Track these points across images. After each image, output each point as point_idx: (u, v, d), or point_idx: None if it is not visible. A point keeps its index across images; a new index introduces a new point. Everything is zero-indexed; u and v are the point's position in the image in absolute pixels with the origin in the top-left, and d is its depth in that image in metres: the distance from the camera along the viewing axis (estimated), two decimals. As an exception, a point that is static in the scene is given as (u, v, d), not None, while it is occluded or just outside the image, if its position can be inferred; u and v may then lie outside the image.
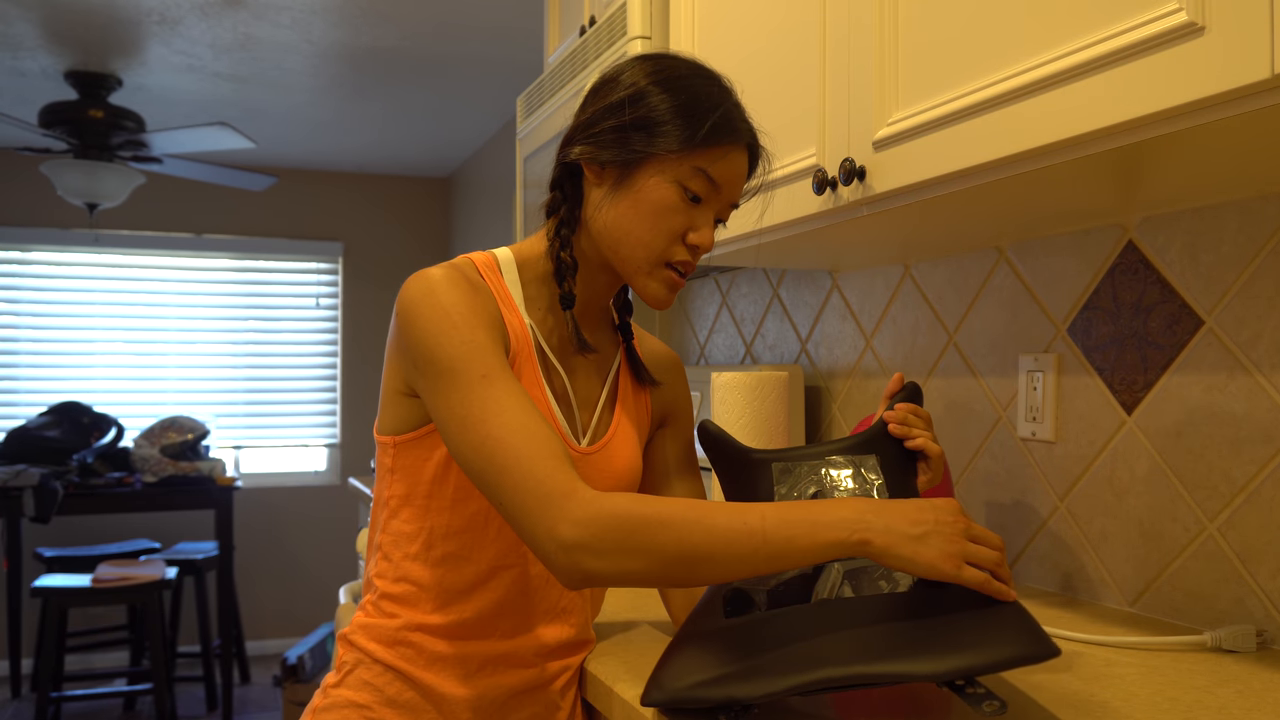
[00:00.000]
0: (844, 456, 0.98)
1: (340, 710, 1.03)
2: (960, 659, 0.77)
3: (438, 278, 0.97)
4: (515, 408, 0.89)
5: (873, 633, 0.81)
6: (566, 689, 1.09)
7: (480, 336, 0.94)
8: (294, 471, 5.29)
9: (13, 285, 4.84)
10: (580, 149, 1.02)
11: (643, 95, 1.00)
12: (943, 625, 0.81)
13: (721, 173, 1.00)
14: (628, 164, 1.00)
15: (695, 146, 0.98)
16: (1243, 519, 1.16)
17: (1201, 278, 1.21)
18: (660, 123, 0.98)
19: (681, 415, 1.21)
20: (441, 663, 1.02)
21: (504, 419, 0.88)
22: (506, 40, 3.35)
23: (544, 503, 0.84)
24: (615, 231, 1.01)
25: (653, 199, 0.99)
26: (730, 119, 1.00)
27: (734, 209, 1.05)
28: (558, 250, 1.05)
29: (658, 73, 1.01)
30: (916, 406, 1.04)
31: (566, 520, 0.83)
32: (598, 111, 1.02)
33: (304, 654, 3.86)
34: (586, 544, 0.82)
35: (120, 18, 3.12)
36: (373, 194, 5.42)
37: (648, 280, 1.02)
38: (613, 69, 1.05)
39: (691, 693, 0.84)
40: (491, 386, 0.90)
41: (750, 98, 1.47)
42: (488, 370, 0.91)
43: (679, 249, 1.01)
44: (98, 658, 4.90)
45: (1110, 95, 0.87)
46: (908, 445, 1.01)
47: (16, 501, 3.68)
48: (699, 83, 1.01)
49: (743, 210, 1.49)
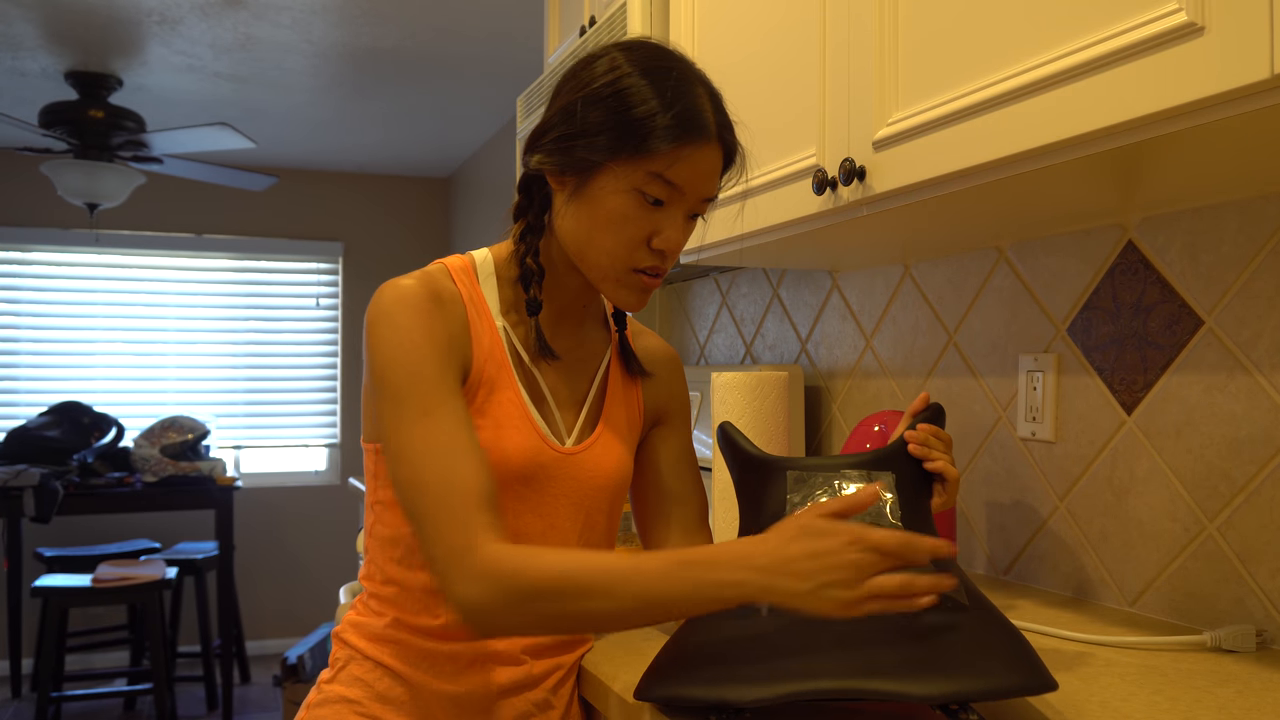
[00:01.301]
0: (860, 471, 0.98)
1: (332, 705, 1.03)
2: (956, 684, 0.77)
3: (400, 295, 0.97)
4: (443, 449, 0.91)
5: (871, 649, 0.82)
6: (559, 687, 1.09)
7: (428, 368, 0.94)
8: (294, 471, 5.29)
9: (13, 285, 4.84)
10: (537, 157, 1.00)
11: (595, 99, 0.96)
12: (941, 648, 0.81)
13: (681, 174, 0.96)
14: (583, 172, 0.97)
15: (647, 152, 0.94)
16: (1242, 519, 1.16)
17: (1201, 278, 1.21)
18: (610, 129, 0.95)
19: (678, 414, 1.19)
20: (429, 660, 1.03)
21: (429, 460, 0.90)
22: (506, 40, 3.35)
23: (447, 557, 0.87)
24: (578, 240, 1.00)
25: (610, 208, 0.97)
26: (688, 117, 0.95)
27: (710, 203, 1.01)
28: (523, 256, 1.04)
29: (611, 72, 0.97)
30: (938, 428, 1.03)
31: (465, 579, 0.85)
32: (554, 116, 0.99)
33: (304, 654, 3.86)
34: (482, 605, 0.85)
35: (120, 18, 3.12)
36: (373, 194, 5.42)
37: (616, 288, 1.01)
38: (575, 63, 1.01)
39: (685, 691, 0.84)
40: (428, 423, 0.92)
41: (750, 97, 1.47)
42: (428, 407, 0.92)
43: (644, 255, 0.99)
44: (98, 658, 4.90)
45: (1110, 95, 0.87)
46: (927, 466, 1.00)
47: (17, 501, 3.68)
48: (654, 81, 0.96)
49: (728, 213, 1.49)
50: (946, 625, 0.84)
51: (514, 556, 0.85)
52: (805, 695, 0.80)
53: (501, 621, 0.85)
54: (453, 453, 0.91)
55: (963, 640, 0.82)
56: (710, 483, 1.84)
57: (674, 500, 1.16)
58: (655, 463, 1.17)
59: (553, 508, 1.04)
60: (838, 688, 0.79)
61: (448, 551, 0.87)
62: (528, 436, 1.01)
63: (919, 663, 0.80)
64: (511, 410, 1.01)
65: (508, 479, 1.00)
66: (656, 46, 1.00)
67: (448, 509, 0.88)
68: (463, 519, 0.88)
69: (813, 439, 1.97)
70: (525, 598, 0.84)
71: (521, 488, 1.01)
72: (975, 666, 0.79)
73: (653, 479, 1.17)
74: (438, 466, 0.90)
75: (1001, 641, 0.83)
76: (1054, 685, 0.79)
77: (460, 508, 0.88)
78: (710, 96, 0.99)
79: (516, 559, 0.85)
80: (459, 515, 0.88)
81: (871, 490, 0.83)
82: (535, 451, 1.02)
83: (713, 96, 0.99)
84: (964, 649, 0.81)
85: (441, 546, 0.87)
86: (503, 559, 0.85)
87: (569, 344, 1.10)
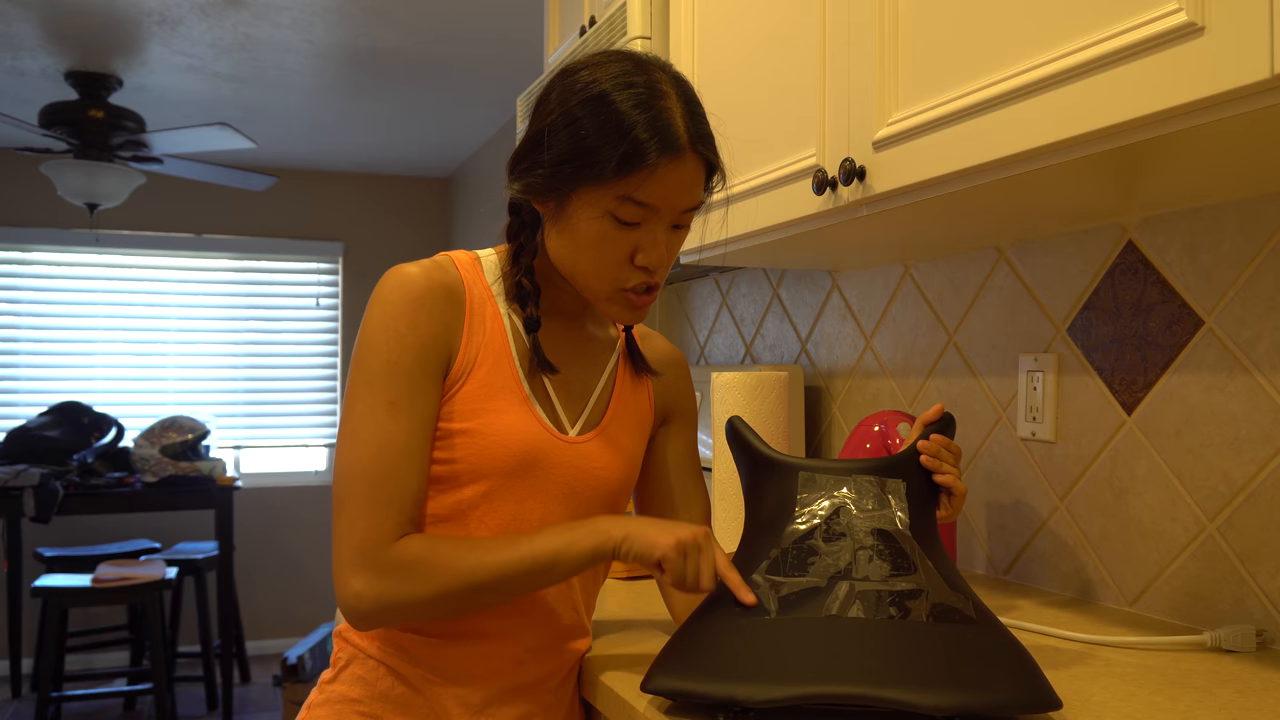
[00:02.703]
0: (870, 476, 0.98)
1: (334, 705, 1.03)
2: (962, 697, 0.79)
3: (401, 282, 0.99)
4: (393, 445, 0.95)
5: (881, 657, 0.83)
6: (561, 686, 1.09)
7: (407, 360, 0.96)
8: (294, 471, 5.29)
9: (13, 285, 4.84)
10: (516, 185, 1.01)
11: (560, 126, 0.95)
12: (950, 661, 0.83)
13: (651, 194, 0.94)
14: (559, 198, 0.98)
15: (614, 177, 0.93)
16: (1242, 519, 1.16)
17: (1201, 278, 1.21)
18: (575, 156, 0.94)
19: (684, 414, 1.20)
20: (432, 660, 1.02)
21: (375, 450, 0.95)
22: (506, 40, 3.35)
23: (357, 548, 0.93)
24: (565, 263, 1.01)
25: (587, 233, 0.97)
26: (653, 135, 0.93)
27: (693, 213, 1.00)
28: (517, 277, 1.04)
29: (574, 94, 0.96)
30: (950, 441, 1.03)
31: (366, 573, 0.92)
32: (526, 141, 1.00)
33: (304, 654, 3.85)
34: (375, 600, 0.92)
35: (120, 18, 3.12)
36: (373, 194, 5.42)
37: (608, 305, 1.02)
38: (551, 79, 1.01)
39: (694, 685, 0.85)
40: (389, 413, 0.96)
41: (750, 97, 1.47)
42: (394, 398, 0.96)
43: (630, 273, 0.99)
44: (98, 658, 4.90)
45: (1110, 95, 0.87)
46: (936, 479, 1.00)
47: (17, 501, 3.68)
48: (616, 100, 0.94)
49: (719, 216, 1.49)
50: (955, 638, 0.85)
51: (411, 544, 0.93)
52: (815, 699, 0.80)
53: (391, 614, 0.92)
54: (401, 451, 0.95)
55: (971, 654, 0.83)
56: (710, 483, 1.84)
57: (678, 502, 1.16)
58: (660, 463, 1.17)
59: (552, 496, 1.03)
60: (847, 693, 0.80)
61: (360, 544, 0.92)
62: (529, 423, 1.02)
63: (928, 674, 0.81)
64: (512, 399, 1.02)
65: (507, 464, 1.00)
66: (632, 58, 0.98)
67: (375, 504, 0.93)
68: (385, 516, 0.93)
69: (813, 439, 1.97)
70: (411, 579, 0.92)
71: (522, 474, 1.01)
72: (983, 681, 0.81)
73: (658, 480, 1.17)
74: (382, 460, 0.94)
75: (1008, 657, 0.84)
76: (1058, 704, 0.81)
77: (388, 506, 0.93)
78: (685, 105, 0.97)
79: (412, 546, 0.93)
80: (382, 512, 0.93)
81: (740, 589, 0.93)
82: (535, 437, 1.02)
83: (688, 105, 0.97)
84: (972, 663, 0.82)
85: (355, 537, 0.92)
86: (402, 550, 0.93)
87: (574, 345, 1.10)
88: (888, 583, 0.90)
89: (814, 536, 0.94)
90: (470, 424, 0.99)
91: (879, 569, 0.91)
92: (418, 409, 0.96)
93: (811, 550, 0.93)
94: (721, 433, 1.50)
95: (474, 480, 1.00)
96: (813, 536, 0.94)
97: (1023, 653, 0.86)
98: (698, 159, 0.97)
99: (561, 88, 0.98)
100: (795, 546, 0.94)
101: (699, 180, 0.98)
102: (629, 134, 0.93)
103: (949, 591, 0.90)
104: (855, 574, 0.91)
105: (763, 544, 0.96)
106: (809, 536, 0.94)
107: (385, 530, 0.92)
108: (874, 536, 0.93)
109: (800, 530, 0.95)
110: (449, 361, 1.00)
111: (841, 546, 0.93)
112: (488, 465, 0.99)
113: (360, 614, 0.92)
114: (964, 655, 0.83)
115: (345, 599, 0.93)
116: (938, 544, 0.96)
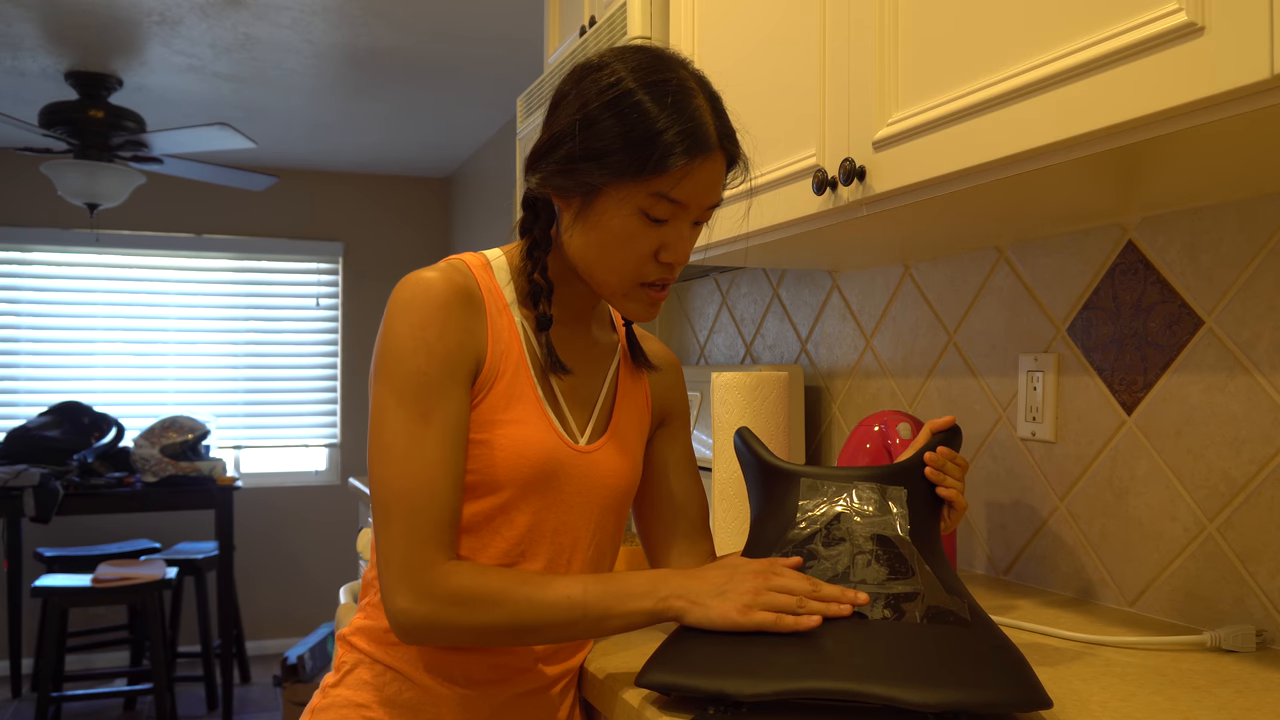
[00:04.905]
0: (873, 484, 0.98)
1: (339, 710, 1.03)
2: (950, 694, 0.79)
3: (422, 289, 0.97)
4: (430, 459, 0.94)
5: (873, 655, 0.84)
6: (565, 691, 1.09)
7: (435, 369, 0.95)
8: (294, 471, 5.29)
9: (13, 285, 4.84)
10: (538, 178, 1.00)
11: (592, 121, 0.95)
12: (941, 659, 0.83)
13: (685, 191, 0.95)
14: (586, 194, 0.97)
15: (650, 173, 0.93)
16: (1242, 519, 1.16)
17: (1201, 278, 1.22)
18: (610, 152, 0.94)
19: (679, 416, 1.20)
20: (439, 665, 1.02)
21: (413, 466, 0.94)
22: (506, 40, 3.35)
23: (403, 567, 0.92)
24: (586, 258, 1.00)
25: (615, 229, 0.97)
26: (688, 133, 0.94)
27: (715, 209, 1.01)
28: (530, 273, 1.04)
29: (607, 90, 0.95)
30: (955, 453, 1.03)
31: (414, 594, 0.91)
32: (552, 137, 0.99)
33: (304, 654, 3.86)
34: (424, 621, 0.92)
35: (120, 18, 3.12)
36: (373, 194, 5.42)
37: (625, 301, 1.02)
38: (572, 73, 1.00)
39: (685, 680, 0.86)
40: (423, 427, 0.94)
41: (750, 98, 1.47)
42: (427, 410, 0.95)
43: (652, 268, 1.00)
44: (98, 658, 4.90)
45: (1110, 95, 0.87)
46: (938, 492, 1.00)
47: (17, 501, 3.68)
48: (651, 96, 0.94)
49: (733, 212, 1.49)
50: (947, 638, 0.85)
51: (458, 573, 0.92)
52: (804, 694, 0.81)
53: (437, 636, 0.92)
54: (438, 465, 0.94)
55: (962, 654, 0.84)
56: (710, 484, 1.84)
57: (677, 502, 1.17)
58: (660, 465, 1.18)
59: (567, 506, 1.04)
60: (837, 689, 0.81)
61: (404, 562, 0.92)
62: (546, 434, 1.01)
63: (918, 672, 0.82)
64: (530, 409, 1.01)
65: (526, 476, 1.00)
66: (654, 54, 0.99)
67: (417, 521, 0.92)
68: (428, 535, 0.92)
69: (813, 439, 1.97)
70: (459, 607, 0.91)
71: (540, 485, 1.01)
72: (973, 679, 0.81)
73: (656, 481, 1.17)
74: (421, 476, 0.93)
75: (1000, 657, 0.84)
76: (1049, 703, 0.81)
77: (430, 524, 0.92)
78: (710, 103, 0.98)
79: (461, 575, 0.92)
80: (426, 530, 0.92)
81: (852, 596, 0.90)
82: (554, 449, 1.02)
83: (712, 102, 0.98)
84: (962, 662, 0.83)
85: (399, 555, 0.92)
86: (449, 576, 0.92)
87: (580, 349, 1.10)
88: (884, 586, 0.90)
89: (814, 541, 0.95)
90: (488, 435, 0.99)
91: (876, 573, 0.91)
92: (451, 419, 0.95)
93: (811, 554, 0.94)
94: (722, 433, 1.50)
95: (492, 492, 0.99)
96: (813, 541, 0.95)
97: (1015, 652, 0.86)
98: (723, 156, 0.98)
99: (586, 83, 0.97)
100: (795, 550, 0.94)
101: (722, 178, 1.00)
102: (665, 132, 0.93)
103: (945, 595, 0.90)
104: (853, 577, 0.91)
105: (764, 548, 0.97)
106: (809, 541, 0.95)
107: (429, 551, 0.92)
108: (873, 542, 0.93)
109: (801, 535, 0.95)
110: (477, 368, 0.99)
111: (841, 551, 0.93)
112: (506, 477, 0.99)
113: (405, 630, 0.92)
114: (955, 654, 0.83)
115: (392, 615, 0.93)
116: (938, 550, 0.96)
